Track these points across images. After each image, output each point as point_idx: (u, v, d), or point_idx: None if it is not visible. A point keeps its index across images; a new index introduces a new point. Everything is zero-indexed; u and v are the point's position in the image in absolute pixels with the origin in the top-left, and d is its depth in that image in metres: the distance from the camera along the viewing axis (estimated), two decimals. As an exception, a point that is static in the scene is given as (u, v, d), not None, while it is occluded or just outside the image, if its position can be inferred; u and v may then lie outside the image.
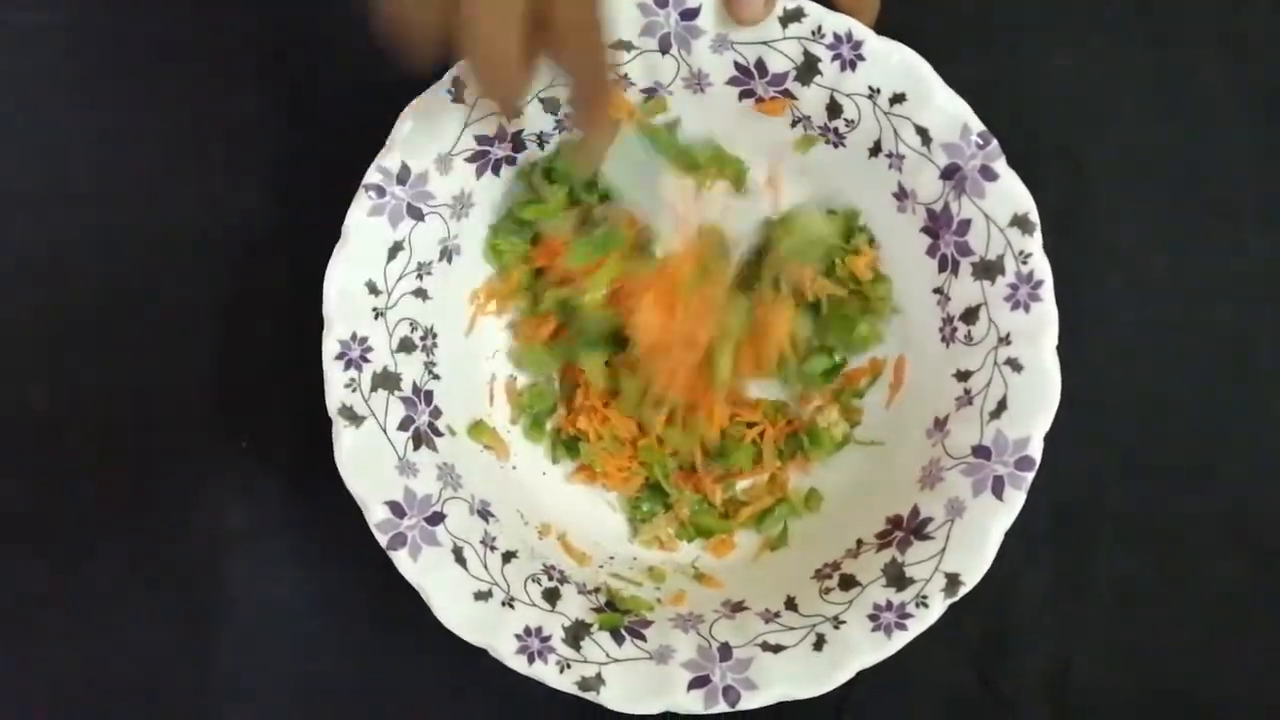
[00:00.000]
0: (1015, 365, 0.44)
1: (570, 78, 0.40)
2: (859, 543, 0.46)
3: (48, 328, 0.53)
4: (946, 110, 0.45)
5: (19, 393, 0.52)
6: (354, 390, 0.45)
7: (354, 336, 0.45)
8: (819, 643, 0.44)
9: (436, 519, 0.45)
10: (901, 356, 0.49)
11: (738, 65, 0.46)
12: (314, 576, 0.51)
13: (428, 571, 0.44)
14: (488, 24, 0.36)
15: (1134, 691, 0.50)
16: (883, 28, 0.45)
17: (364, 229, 0.45)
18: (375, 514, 0.44)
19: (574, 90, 0.40)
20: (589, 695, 0.43)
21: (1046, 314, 0.44)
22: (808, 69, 0.46)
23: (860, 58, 0.45)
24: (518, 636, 0.44)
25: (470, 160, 0.47)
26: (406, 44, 0.37)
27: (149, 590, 0.51)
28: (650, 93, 0.47)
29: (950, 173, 0.45)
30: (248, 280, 0.53)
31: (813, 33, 0.45)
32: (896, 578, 0.44)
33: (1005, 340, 0.45)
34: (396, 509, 0.44)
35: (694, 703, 0.43)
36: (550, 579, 0.46)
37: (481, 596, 0.44)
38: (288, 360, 0.49)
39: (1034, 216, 0.44)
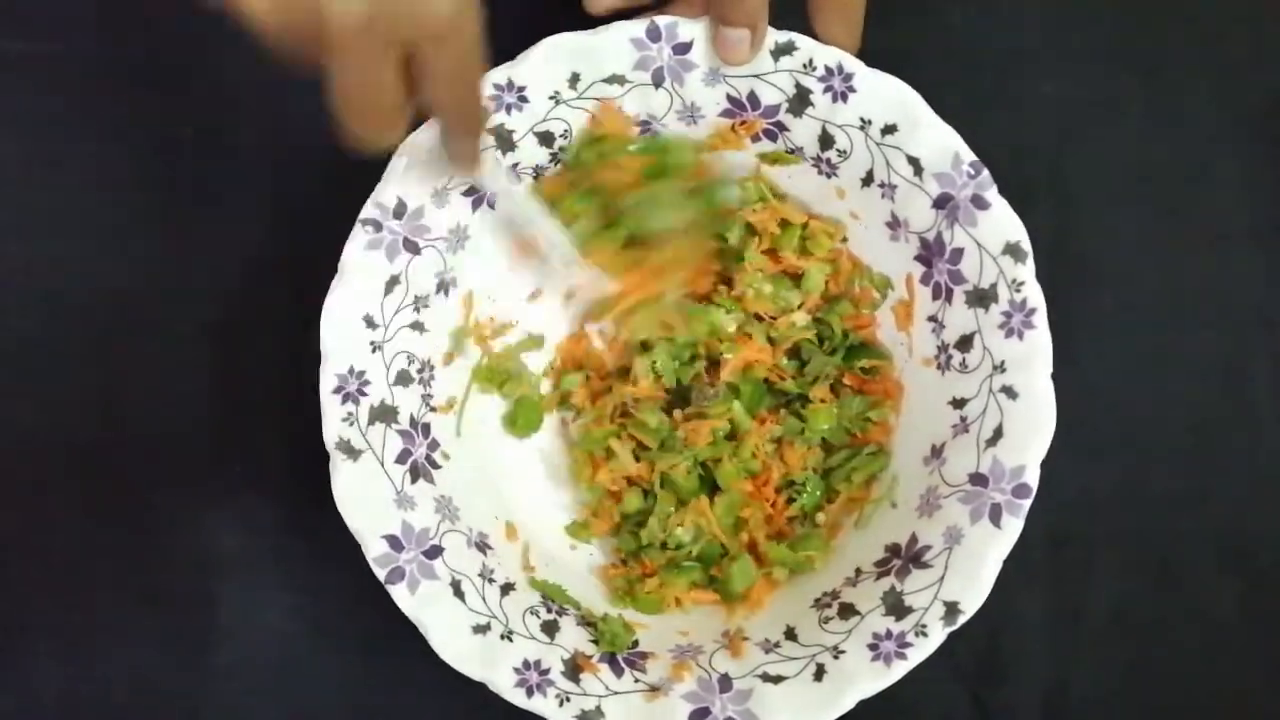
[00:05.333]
0: (1010, 393, 0.44)
1: (443, 118, 0.41)
2: (858, 571, 0.46)
3: (42, 351, 0.53)
4: (937, 140, 0.45)
5: (12, 416, 0.52)
6: (351, 424, 0.45)
7: (351, 370, 0.45)
8: (819, 673, 0.43)
9: (434, 552, 0.45)
10: (909, 274, 0.48)
11: (730, 98, 0.47)
12: (307, 603, 0.51)
13: (426, 606, 0.43)
14: (357, 69, 0.36)
15: (1129, 715, 0.50)
16: (873, 58, 0.46)
17: (361, 263, 0.45)
18: (373, 548, 0.44)
19: (445, 128, 0.42)
20: (589, 728, 0.43)
21: (1040, 341, 0.44)
22: (800, 101, 0.46)
23: (851, 89, 0.46)
24: (516, 670, 0.43)
25: (466, 194, 0.47)
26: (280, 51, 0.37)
27: (141, 616, 0.51)
28: (644, 125, 0.48)
29: (942, 202, 0.46)
30: (246, 309, 0.53)
31: (804, 65, 0.46)
32: (895, 606, 0.44)
33: (1000, 368, 0.45)
34: (394, 543, 0.44)
35: (695, 735, 0.43)
36: (549, 611, 0.46)
37: (480, 630, 0.44)
38: (284, 388, 0.49)
39: (1026, 245, 0.45)
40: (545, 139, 0.47)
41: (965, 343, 0.46)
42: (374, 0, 0.34)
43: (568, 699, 0.43)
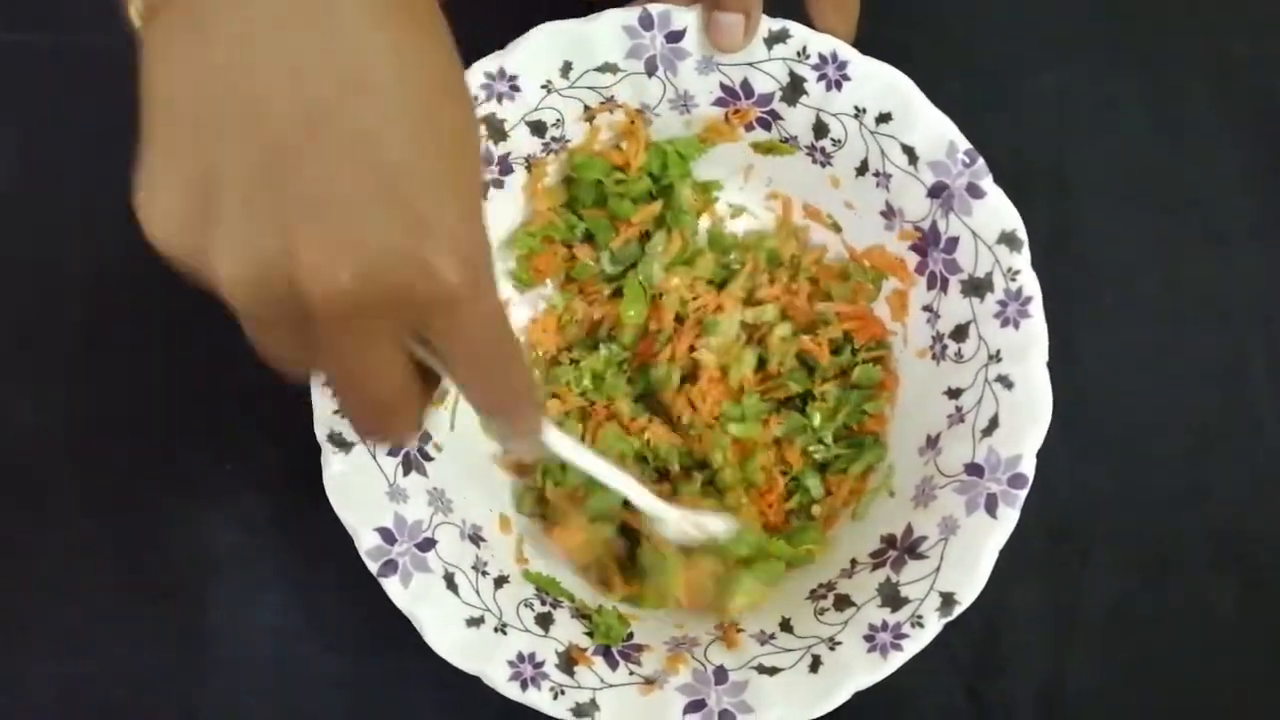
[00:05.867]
0: (1006, 382, 0.44)
1: (473, 401, 0.34)
2: (853, 562, 0.46)
3: (35, 347, 0.53)
4: (932, 128, 0.45)
5: (5, 413, 0.52)
6: (343, 416, 0.44)
7: (342, 362, 0.45)
8: (815, 664, 0.43)
9: (427, 545, 0.44)
10: (904, 264, 0.48)
11: (723, 86, 0.46)
12: (302, 600, 0.51)
13: (419, 599, 0.43)
14: (350, 354, 0.30)
15: (1125, 711, 0.50)
16: (871, 52, 0.45)
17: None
18: (365, 541, 0.43)
19: (482, 412, 0.35)
20: (583, 721, 0.43)
21: (1036, 330, 0.44)
22: (793, 89, 0.46)
23: (846, 78, 0.45)
24: (510, 663, 0.43)
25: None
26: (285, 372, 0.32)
27: (134, 613, 0.51)
28: (637, 113, 0.48)
29: (937, 191, 0.45)
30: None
31: (798, 53, 0.45)
32: (891, 597, 0.44)
33: (995, 357, 0.45)
34: (387, 535, 0.44)
35: (690, 727, 0.43)
36: (543, 604, 0.46)
37: (474, 623, 0.44)
38: (278, 384, 0.49)
39: (1021, 233, 0.44)
40: (537, 128, 0.47)
41: (960, 332, 0.46)
42: (361, 271, 0.28)
43: (562, 692, 0.43)
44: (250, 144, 0.28)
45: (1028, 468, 0.43)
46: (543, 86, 0.46)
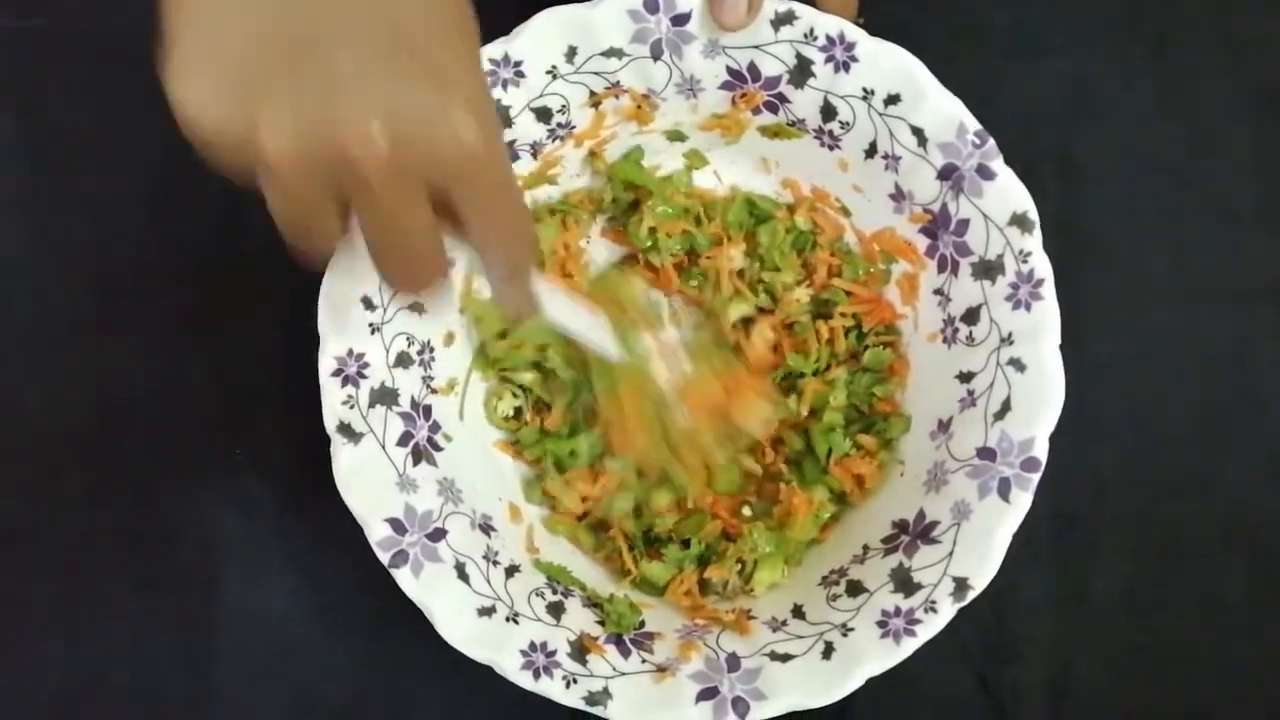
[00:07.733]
0: (1018, 365, 0.44)
1: (488, 254, 0.37)
2: (865, 548, 0.46)
3: (43, 334, 0.53)
4: (942, 110, 0.44)
5: (14, 400, 0.52)
6: (352, 407, 0.44)
7: (350, 353, 0.45)
8: (828, 651, 0.43)
9: (438, 535, 0.44)
10: (914, 247, 0.47)
11: (730, 70, 0.46)
12: (310, 586, 0.51)
13: (430, 588, 0.43)
14: (390, 214, 0.33)
15: (1134, 697, 0.50)
16: (879, 33, 0.45)
17: (358, 243, 0.45)
18: (376, 532, 0.43)
19: (494, 266, 0.37)
20: (596, 710, 0.43)
21: (1048, 313, 0.44)
22: (801, 72, 0.45)
23: (853, 59, 0.45)
24: (523, 652, 0.43)
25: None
26: (310, 254, 0.35)
27: (143, 598, 0.51)
28: (643, 98, 0.47)
29: (947, 173, 0.45)
30: (246, 288, 0.53)
31: (805, 35, 0.45)
32: (904, 583, 0.44)
33: (1007, 340, 0.44)
34: (397, 526, 0.44)
35: (703, 715, 0.43)
36: (554, 593, 0.46)
37: (485, 612, 0.44)
38: (285, 369, 0.49)
39: (1033, 215, 0.44)
40: (542, 114, 0.46)
41: (972, 315, 0.45)
42: (396, 135, 0.31)
43: (574, 681, 0.43)
44: (283, 25, 0.31)
45: (1040, 451, 0.43)
46: (547, 72, 0.46)
